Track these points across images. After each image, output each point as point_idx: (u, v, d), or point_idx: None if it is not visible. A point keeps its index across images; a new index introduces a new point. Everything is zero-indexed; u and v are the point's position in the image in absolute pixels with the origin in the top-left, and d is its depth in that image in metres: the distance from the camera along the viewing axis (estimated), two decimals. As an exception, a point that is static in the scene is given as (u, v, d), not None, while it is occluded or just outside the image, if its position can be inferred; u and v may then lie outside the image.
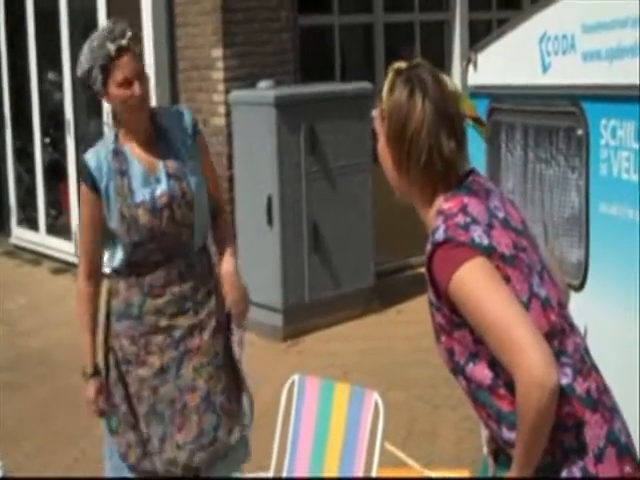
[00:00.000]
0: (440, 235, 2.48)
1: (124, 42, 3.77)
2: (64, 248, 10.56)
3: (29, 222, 11.39)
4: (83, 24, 10.31)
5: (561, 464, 2.45)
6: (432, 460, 5.31)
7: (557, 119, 4.31)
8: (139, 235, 3.84)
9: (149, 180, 3.87)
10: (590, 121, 3.98)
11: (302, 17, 8.82)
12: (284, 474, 4.08)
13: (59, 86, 10.67)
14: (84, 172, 3.91)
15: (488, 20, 10.75)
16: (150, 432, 3.95)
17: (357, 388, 4.02)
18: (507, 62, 4.66)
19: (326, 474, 3.96)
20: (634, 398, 3.33)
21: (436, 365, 6.87)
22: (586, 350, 2.59)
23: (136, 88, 3.77)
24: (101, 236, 3.92)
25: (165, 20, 9.00)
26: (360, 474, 3.88)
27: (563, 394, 2.40)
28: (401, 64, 2.63)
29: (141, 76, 3.79)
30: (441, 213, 2.53)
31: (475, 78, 4.81)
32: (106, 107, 9.71)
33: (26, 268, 10.72)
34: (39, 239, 11.07)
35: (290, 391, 4.08)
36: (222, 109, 8.22)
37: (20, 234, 11.47)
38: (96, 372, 3.99)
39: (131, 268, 3.92)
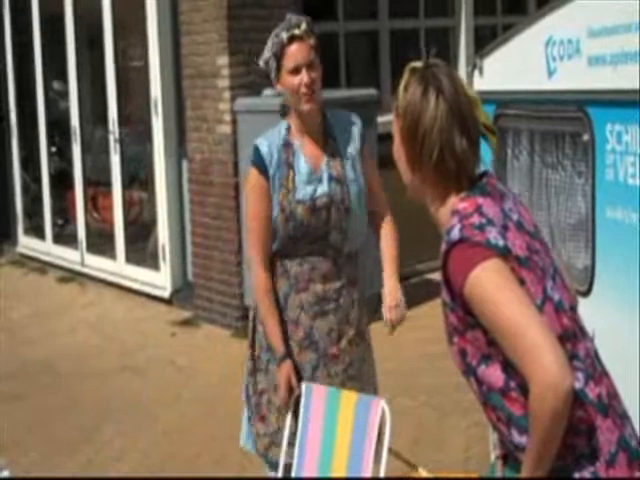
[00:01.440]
0: (455, 234, 2.47)
1: (297, 31, 3.87)
2: (70, 257, 10.57)
3: (35, 231, 11.40)
4: (89, 33, 10.34)
5: (572, 468, 2.44)
6: (440, 467, 5.29)
7: (563, 124, 4.30)
8: (294, 229, 3.95)
9: (312, 178, 3.96)
10: (596, 126, 3.97)
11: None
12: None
13: (65, 95, 10.69)
14: (255, 156, 4.00)
15: (493, 25, 10.76)
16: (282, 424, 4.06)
17: (364, 395, 4.00)
18: (513, 67, 4.65)
19: (333, 482, 3.95)
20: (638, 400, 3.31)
21: (443, 371, 6.90)
22: (596, 355, 2.58)
23: (304, 76, 3.86)
24: (269, 221, 3.98)
25: (170, 28, 9.01)
26: (367, 481, 3.87)
27: (575, 398, 2.38)
28: (417, 63, 2.63)
29: (311, 66, 3.88)
30: (456, 213, 2.53)
31: (481, 84, 4.80)
32: (112, 115, 9.74)
33: (32, 277, 10.73)
34: (45, 248, 11.08)
35: (297, 399, 4.06)
36: (228, 117, 8.22)
37: (26, 243, 11.48)
38: (287, 355, 4.01)
39: (281, 258, 4.02)
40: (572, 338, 2.50)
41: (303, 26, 3.89)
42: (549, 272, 2.54)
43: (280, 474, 4.07)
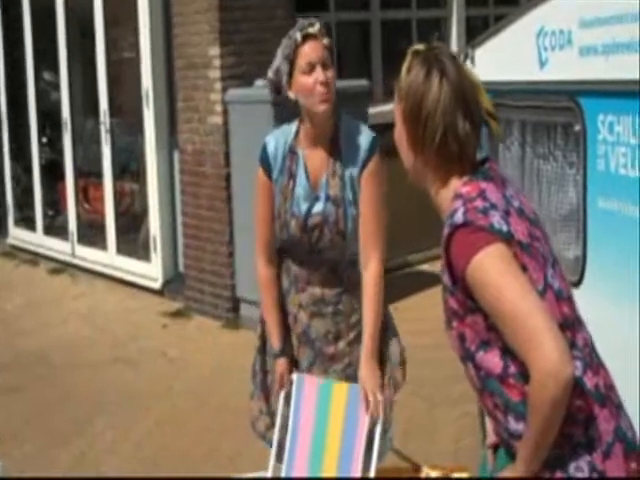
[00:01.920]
0: (459, 217, 2.47)
1: (311, 30, 3.80)
2: (61, 248, 10.55)
3: (26, 222, 11.38)
4: (80, 24, 10.31)
5: (569, 458, 2.44)
6: (430, 457, 5.29)
7: (555, 115, 4.30)
8: (288, 239, 3.92)
9: (310, 196, 3.88)
10: (587, 116, 3.97)
11: (299, 15, 8.79)
12: (282, 473, 4.07)
13: (56, 85, 10.66)
14: (262, 155, 3.97)
15: (485, 16, 10.76)
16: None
17: (355, 386, 4.00)
18: (504, 58, 4.65)
19: (325, 473, 3.94)
20: (634, 393, 3.32)
21: (433, 363, 6.90)
22: (593, 345, 2.58)
23: (320, 74, 3.75)
24: (273, 220, 3.96)
25: (162, 19, 8.99)
26: (358, 473, 3.87)
27: (574, 387, 2.38)
28: (420, 46, 2.63)
29: (326, 65, 3.78)
30: (459, 197, 2.52)
31: (472, 74, 4.79)
32: (103, 106, 9.72)
33: (23, 268, 10.71)
34: (36, 239, 11.06)
35: (288, 390, 4.06)
36: (219, 108, 8.20)
37: (17, 234, 11.46)
38: (283, 352, 4.02)
39: (284, 255, 4.01)
40: (571, 327, 2.50)
41: (317, 25, 3.83)
42: (549, 260, 2.54)
43: (273, 457, 4.07)
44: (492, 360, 2.48)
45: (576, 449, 2.44)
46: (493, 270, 2.39)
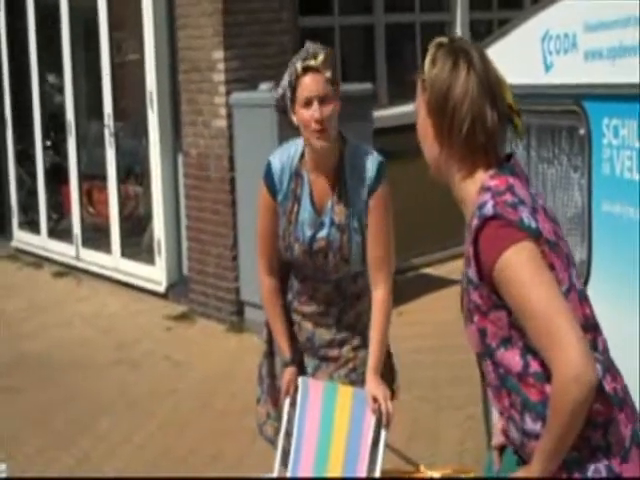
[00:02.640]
0: (489, 210, 2.43)
1: (313, 62, 3.70)
2: (65, 251, 10.56)
3: (30, 225, 11.39)
4: (84, 26, 10.33)
5: (587, 460, 2.43)
6: (435, 460, 5.30)
7: (559, 118, 4.30)
8: (292, 260, 3.93)
9: (315, 222, 3.86)
10: (592, 120, 3.98)
11: (303, 19, 8.82)
12: (288, 476, 4.07)
13: (60, 88, 10.68)
14: (266, 175, 3.90)
15: (489, 20, 10.76)
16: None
17: (360, 390, 4.00)
18: (509, 62, 4.63)
19: (330, 476, 3.95)
20: (636, 395, 3.32)
21: (438, 365, 6.90)
22: (608, 349, 2.57)
23: (316, 111, 3.69)
24: (276, 236, 3.94)
25: (166, 22, 9.00)
26: (363, 476, 3.87)
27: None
28: (443, 39, 2.61)
29: (324, 100, 3.69)
30: (487, 189, 2.49)
31: (477, 78, 4.80)
32: (107, 109, 9.73)
33: (27, 271, 10.72)
34: (40, 242, 11.07)
35: (294, 396, 4.06)
36: (223, 111, 8.21)
37: (21, 237, 11.47)
38: (293, 360, 4.01)
39: (286, 270, 4.01)
40: (592, 329, 2.49)
41: (320, 57, 3.71)
42: (572, 260, 2.53)
43: (278, 461, 4.07)
44: (512, 358, 2.47)
45: (595, 452, 2.43)
46: (522, 268, 2.38)
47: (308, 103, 3.71)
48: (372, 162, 3.85)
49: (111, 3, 9.59)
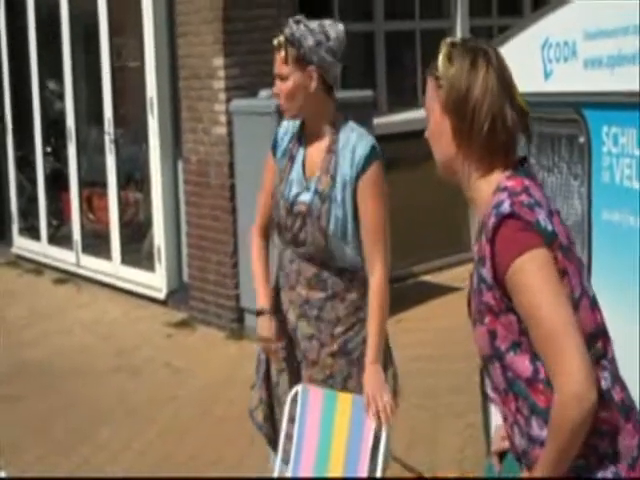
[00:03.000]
0: (506, 208, 2.41)
1: (276, 41, 3.92)
2: (66, 258, 10.56)
3: (30, 231, 11.39)
4: (84, 33, 10.34)
5: (595, 468, 2.42)
6: (434, 468, 5.30)
7: (559, 126, 4.30)
8: (277, 219, 4.01)
9: (301, 183, 3.95)
10: (592, 128, 3.98)
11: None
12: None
13: (60, 95, 10.69)
14: (275, 132, 4.15)
15: (489, 27, 10.77)
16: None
17: (359, 397, 4.00)
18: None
19: (329, 482, 3.95)
20: (636, 403, 3.32)
21: (437, 373, 6.90)
22: (616, 358, 2.56)
23: (276, 86, 3.93)
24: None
25: (166, 29, 9.01)
26: (363, 482, 3.87)
27: (602, 399, 2.37)
28: (454, 38, 2.60)
29: (283, 77, 3.88)
30: (504, 189, 2.47)
31: (476, 86, 4.80)
32: (107, 116, 9.74)
33: (27, 278, 10.72)
34: (40, 249, 11.07)
35: (293, 401, 4.07)
36: (223, 118, 8.22)
37: (21, 243, 11.47)
38: (264, 310, 4.08)
39: (282, 250, 4.08)
40: (602, 336, 2.49)
41: (281, 37, 3.89)
42: (584, 266, 2.53)
43: (278, 463, 4.07)
44: (522, 363, 2.45)
45: (602, 460, 2.42)
46: (534, 275, 2.37)
47: (274, 78, 3.95)
48: (365, 143, 3.88)
49: (111, 9, 9.60)
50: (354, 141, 3.88)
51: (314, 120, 3.94)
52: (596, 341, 2.43)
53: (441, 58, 2.54)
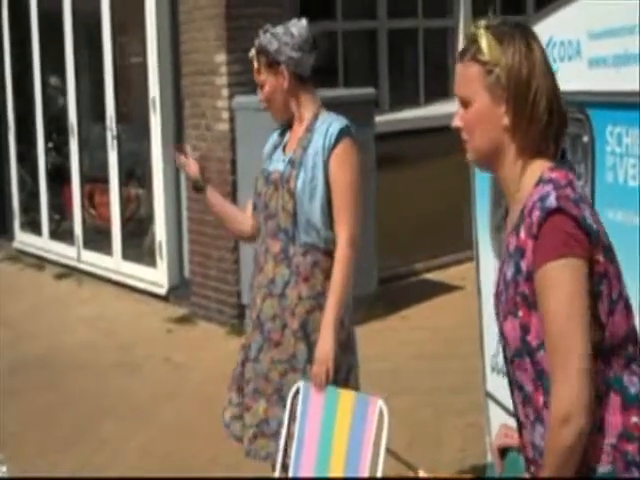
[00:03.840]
0: (552, 202, 2.32)
1: (250, 54, 4.26)
2: (67, 253, 10.56)
3: (32, 226, 11.40)
4: (87, 29, 10.33)
5: (622, 473, 2.37)
6: (436, 467, 5.30)
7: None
8: (255, 197, 4.25)
9: (280, 157, 4.20)
10: (596, 128, 3.97)
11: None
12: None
13: (63, 90, 10.69)
14: (264, 150, 4.43)
15: (492, 26, 10.74)
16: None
17: (361, 395, 4.01)
18: (512, 68, 4.65)
19: (330, 480, 3.96)
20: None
21: (439, 372, 6.89)
22: None
23: (259, 96, 4.28)
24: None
25: (169, 25, 9.01)
26: (365, 480, 3.88)
27: (632, 403, 2.35)
28: (489, 20, 2.48)
29: (262, 85, 4.22)
30: (548, 181, 2.38)
31: (480, 84, 4.80)
32: (109, 111, 9.74)
33: (29, 272, 10.73)
34: (42, 243, 11.08)
35: (295, 398, 4.07)
36: (226, 114, 8.22)
37: (23, 238, 11.48)
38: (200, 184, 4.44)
39: (257, 240, 4.28)
40: (634, 341, 2.43)
41: (252, 50, 4.23)
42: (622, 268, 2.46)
43: (277, 473, 4.08)
44: None
45: (629, 466, 2.37)
46: (562, 284, 2.30)
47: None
48: (340, 121, 4.14)
49: (114, 5, 9.61)
50: (330, 120, 4.15)
51: (296, 110, 4.21)
52: (628, 345, 2.39)
53: (488, 41, 2.42)
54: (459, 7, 10.29)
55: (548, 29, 4.30)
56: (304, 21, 4.21)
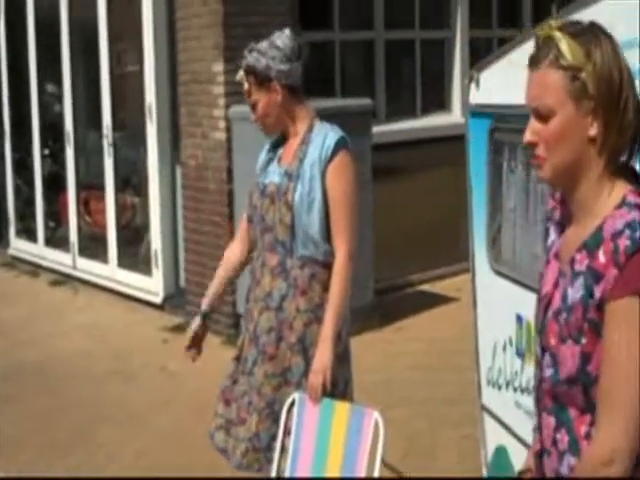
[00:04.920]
0: None
1: (238, 77, 4.21)
2: (62, 260, 10.55)
3: (27, 233, 11.39)
4: (84, 37, 10.34)
5: None
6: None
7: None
8: (251, 208, 4.24)
9: (275, 170, 4.18)
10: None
11: (303, 33, 8.83)
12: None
13: (59, 98, 10.69)
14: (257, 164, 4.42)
15: (489, 38, 10.78)
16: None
17: (357, 406, 4.01)
18: (509, 81, 4.66)
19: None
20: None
21: (435, 383, 6.90)
22: None
23: (253, 116, 4.20)
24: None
25: (166, 33, 9.02)
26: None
27: None
28: (553, 22, 2.25)
29: (255, 105, 4.15)
30: (635, 207, 2.18)
31: (477, 97, 4.82)
32: (106, 119, 9.75)
33: (24, 279, 10.72)
34: (37, 250, 11.07)
35: (290, 410, 4.07)
36: (222, 124, 8.22)
37: (18, 245, 11.47)
38: (204, 315, 4.41)
39: (254, 253, 4.28)
40: None
41: (240, 72, 4.18)
42: None
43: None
44: None
45: None
46: (635, 322, 2.13)
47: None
48: (335, 133, 4.14)
49: (111, 14, 9.61)
50: (326, 131, 4.14)
51: (290, 123, 4.19)
52: None
53: (569, 44, 2.20)
54: (456, 18, 10.31)
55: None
56: (287, 31, 4.21)
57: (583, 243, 2.24)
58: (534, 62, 2.26)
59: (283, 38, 4.16)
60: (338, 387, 4.11)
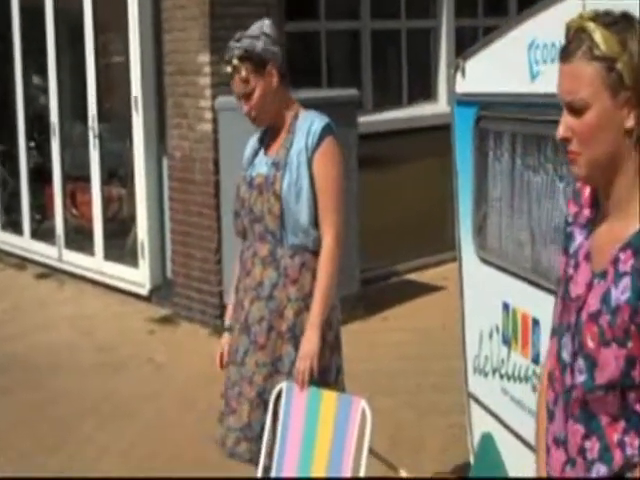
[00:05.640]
0: None
1: (230, 68, 4.11)
2: (48, 253, 10.53)
3: (13, 226, 11.35)
4: (69, 28, 10.30)
5: None
6: (418, 467, 5.31)
7: (545, 127, 4.30)
8: (236, 203, 4.25)
9: (262, 161, 4.18)
10: (578, 129, 3.98)
11: (289, 23, 8.83)
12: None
13: (44, 90, 10.65)
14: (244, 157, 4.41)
15: (474, 27, 10.79)
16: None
17: (344, 395, 4.01)
18: (495, 70, 4.66)
19: (313, 481, 3.96)
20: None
21: (421, 372, 6.91)
22: None
23: (243, 106, 4.12)
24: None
25: (152, 24, 8.99)
26: (347, 481, 3.88)
27: None
28: (585, 13, 2.19)
29: (248, 96, 4.09)
30: None
31: (463, 86, 4.82)
32: (91, 111, 9.72)
33: (10, 272, 10.69)
34: (23, 243, 11.04)
35: (277, 399, 4.08)
36: (209, 115, 8.21)
37: (4, 238, 11.43)
38: (231, 328, 4.35)
39: (242, 243, 4.27)
40: None
41: (234, 61, 4.07)
42: None
43: (260, 474, 4.08)
44: None
45: None
46: None
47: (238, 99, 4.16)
48: (321, 120, 4.14)
49: (96, 4, 9.58)
50: (312, 118, 4.14)
51: (279, 112, 4.17)
52: None
53: (603, 34, 2.14)
54: (442, 8, 10.31)
55: (530, 31, 4.32)
56: (267, 20, 4.22)
57: (627, 242, 2.16)
58: (566, 55, 2.19)
59: (267, 25, 4.16)
60: (331, 375, 4.11)
